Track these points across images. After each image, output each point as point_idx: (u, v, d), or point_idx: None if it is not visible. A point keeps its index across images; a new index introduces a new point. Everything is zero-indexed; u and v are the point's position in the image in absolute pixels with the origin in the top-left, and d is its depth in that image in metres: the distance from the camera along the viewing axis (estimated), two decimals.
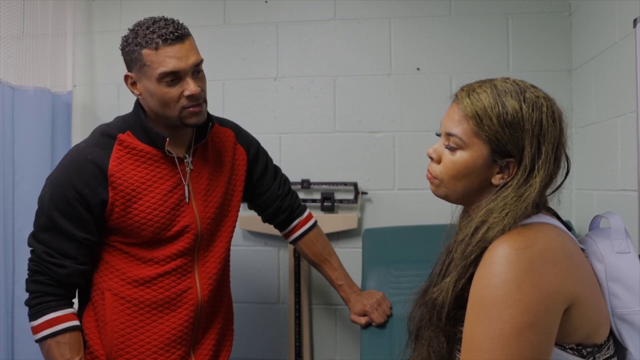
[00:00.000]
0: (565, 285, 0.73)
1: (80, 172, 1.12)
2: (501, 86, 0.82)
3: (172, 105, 1.13)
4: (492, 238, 0.77)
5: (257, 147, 1.42)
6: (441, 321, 0.82)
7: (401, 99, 1.84)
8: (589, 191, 1.61)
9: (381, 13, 1.86)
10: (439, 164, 0.87)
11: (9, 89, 1.62)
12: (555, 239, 0.77)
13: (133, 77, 1.15)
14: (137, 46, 1.10)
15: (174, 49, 1.10)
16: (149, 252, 1.19)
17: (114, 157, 1.15)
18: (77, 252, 1.14)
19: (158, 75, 1.09)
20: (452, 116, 0.85)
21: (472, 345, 0.73)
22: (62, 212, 1.12)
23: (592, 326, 0.77)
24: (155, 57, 1.09)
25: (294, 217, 1.46)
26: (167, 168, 1.19)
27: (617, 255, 0.82)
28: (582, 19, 1.67)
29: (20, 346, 1.62)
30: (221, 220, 1.30)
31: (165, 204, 1.18)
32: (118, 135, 1.17)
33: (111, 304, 1.17)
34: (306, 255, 1.49)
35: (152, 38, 1.09)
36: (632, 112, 1.30)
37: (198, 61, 1.14)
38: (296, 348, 1.81)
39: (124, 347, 1.17)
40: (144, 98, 1.16)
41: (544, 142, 0.79)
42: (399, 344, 1.01)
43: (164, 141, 1.16)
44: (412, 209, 1.83)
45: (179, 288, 1.21)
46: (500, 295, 0.71)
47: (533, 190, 0.78)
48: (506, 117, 0.79)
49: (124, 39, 1.14)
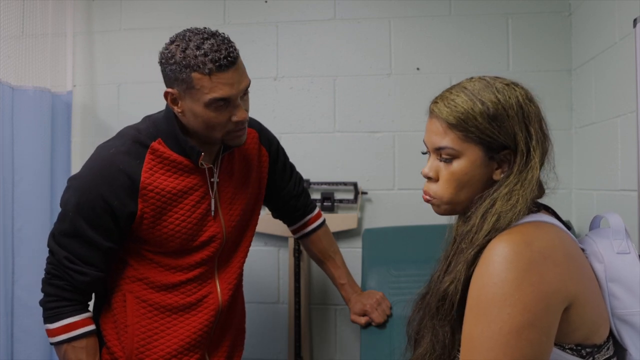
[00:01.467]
0: (564, 284, 0.73)
1: (111, 182, 1.08)
2: (471, 86, 0.83)
3: (217, 128, 1.08)
4: (504, 226, 0.77)
5: (277, 145, 1.40)
6: (452, 309, 0.81)
7: (401, 99, 1.84)
8: (589, 191, 1.61)
9: (381, 13, 1.86)
10: (437, 182, 0.86)
11: (8, 89, 1.62)
12: (554, 238, 0.77)
13: (175, 94, 1.07)
14: (186, 68, 1.01)
15: (227, 75, 1.03)
16: (175, 260, 1.18)
17: (146, 168, 1.11)
18: (99, 261, 1.12)
19: (208, 100, 1.03)
20: (434, 130, 0.85)
21: (472, 344, 0.73)
22: (87, 220, 1.09)
23: (592, 326, 0.77)
24: (206, 83, 1.02)
25: (306, 215, 1.47)
26: (196, 178, 1.16)
27: (617, 256, 0.82)
28: (582, 19, 1.67)
29: (20, 346, 1.62)
30: (245, 225, 1.30)
31: (193, 215, 1.16)
32: (151, 143, 1.12)
33: (132, 307, 1.17)
34: (311, 252, 1.50)
35: (204, 62, 1.01)
36: (632, 112, 1.30)
37: (248, 85, 1.10)
38: (296, 348, 1.81)
39: (144, 351, 1.16)
40: (186, 117, 1.09)
41: (530, 123, 0.81)
42: (399, 344, 1.01)
43: (199, 156, 1.13)
44: (412, 209, 1.83)
45: (199, 294, 1.20)
46: (499, 295, 0.71)
47: (535, 171, 0.80)
48: (489, 112, 0.80)
49: (168, 54, 1.04)
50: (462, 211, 0.88)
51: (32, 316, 1.59)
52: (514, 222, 0.77)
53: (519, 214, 0.78)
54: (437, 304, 0.83)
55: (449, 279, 0.81)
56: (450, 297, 0.80)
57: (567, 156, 1.73)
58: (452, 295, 0.80)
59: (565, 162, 1.72)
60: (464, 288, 0.79)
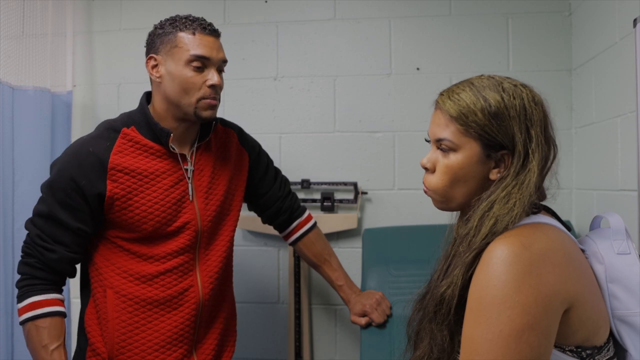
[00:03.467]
0: (564, 286, 0.73)
1: (80, 164, 1.13)
2: (478, 83, 0.84)
3: (192, 92, 1.16)
4: (501, 230, 0.77)
5: (259, 149, 1.44)
6: (450, 314, 0.80)
7: (401, 99, 1.84)
8: (589, 191, 1.61)
9: (381, 13, 1.86)
10: (434, 174, 0.87)
11: (8, 89, 1.62)
12: (554, 239, 0.76)
13: (157, 59, 1.17)
14: (173, 28, 1.16)
15: (210, 39, 1.17)
16: (149, 248, 1.19)
17: (115, 150, 1.16)
18: (69, 241, 1.15)
19: (189, 57, 1.14)
20: (437, 122, 0.86)
21: (471, 346, 0.72)
22: (58, 201, 1.13)
23: (592, 328, 0.77)
24: (190, 40, 1.15)
25: (293, 218, 1.47)
26: (170, 163, 1.20)
27: (617, 257, 0.81)
28: (582, 19, 1.67)
29: (21, 346, 1.62)
30: (222, 219, 1.30)
31: (166, 199, 1.18)
32: (122, 128, 1.18)
33: (113, 301, 1.17)
34: (306, 257, 1.50)
35: (191, 24, 1.17)
36: (632, 112, 1.30)
37: (225, 59, 1.22)
38: (296, 348, 1.81)
39: (126, 345, 1.17)
40: (163, 82, 1.17)
41: (532, 126, 0.80)
42: (399, 344, 1.01)
43: (168, 137, 1.18)
44: (412, 209, 1.83)
45: (180, 286, 1.21)
46: (499, 297, 0.71)
47: (533, 175, 0.79)
48: (490, 110, 0.80)
49: (159, 23, 1.20)
50: (457, 208, 0.89)
51: None
52: (511, 226, 0.77)
53: (516, 217, 0.77)
54: (435, 308, 0.83)
55: (446, 283, 0.81)
56: (447, 301, 0.80)
57: (567, 156, 1.73)
58: (449, 300, 0.80)
59: (565, 162, 1.72)
60: (461, 292, 0.79)
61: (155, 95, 1.21)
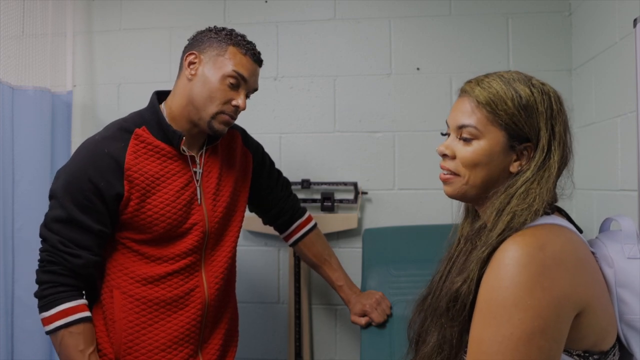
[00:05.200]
0: (576, 290, 0.72)
1: (97, 165, 1.12)
2: (507, 75, 0.84)
3: (216, 102, 1.17)
4: (518, 226, 0.76)
5: (262, 150, 1.46)
6: (464, 310, 0.78)
7: (401, 99, 1.84)
8: (589, 191, 1.61)
9: (381, 13, 1.86)
10: (454, 160, 0.85)
11: (8, 89, 1.62)
12: (567, 242, 0.75)
13: (200, 58, 1.18)
14: (229, 39, 1.19)
15: (255, 66, 1.22)
16: (158, 250, 1.19)
17: (130, 151, 1.15)
18: (92, 244, 1.13)
19: (231, 71, 1.16)
20: (461, 108, 0.85)
21: (480, 348, 0.71)
22: (77, 204, 1.11)
23: (601, 333, 0.76)
24: (239, 57, 1.18)
25: (294, 219, 1.48)
26: (180, 165, 1.20)
27: (627, 261, 0.80)
28: (582, 19, 1.67)
29: (20, 346, 1.62)
30: (228, 220, 1.31)
31: (177, 200, 1.19)
32: (135, 129, 1.18)
33: (120, 302, 1.17)
34: (306, 257, 1.50)
35: (245, 45, 1.20)
36: (632, 112, 1.30)
37: (257, 89, 1.26)
38: (296, 348, 1.81)
39: (133, 345, 1.17)
40: (193, 81, 1.18)
41: (556, 124, 0.81)
42: (399, 344, 1.00)
43: (180, 139, 1.18)
44: (412, 209, 1.83)
45: (186, 287, 1.21)
46: (510, 299, 0.70)
47: (553, 171, 0.79)
48: (520, 101, 0.81)
49: (215, 28, 1.22)
50: (472, 198, 0.86)
51: (32, 316, 1.58)
52: (529, 223, 0.76)
53: (535, 214, 0.76)
54: (448, 304, 0.81)
55: (461, 279, 0.79)
56: (462, 297, 0.78)
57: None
58: (464, 296, 0.78)
59: None
60: (476, 288, 0.77)
61: (178, 90, 1.21)
